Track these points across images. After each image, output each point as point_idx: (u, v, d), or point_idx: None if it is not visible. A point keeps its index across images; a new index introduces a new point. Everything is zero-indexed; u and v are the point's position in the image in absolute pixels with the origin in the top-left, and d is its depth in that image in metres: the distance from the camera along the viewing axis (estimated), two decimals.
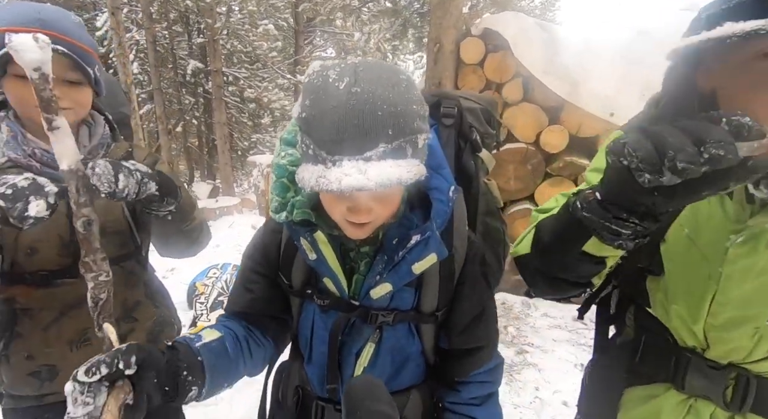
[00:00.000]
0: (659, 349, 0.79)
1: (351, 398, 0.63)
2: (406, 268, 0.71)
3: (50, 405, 1.07)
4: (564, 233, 0.68)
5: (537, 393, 2.43)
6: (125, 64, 7.39)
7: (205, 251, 4.31)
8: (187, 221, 1.07)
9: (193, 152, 14.29)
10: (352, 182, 0.55)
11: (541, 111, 3.38)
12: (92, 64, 0.96)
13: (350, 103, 0.56)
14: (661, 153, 0.47)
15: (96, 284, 0.85)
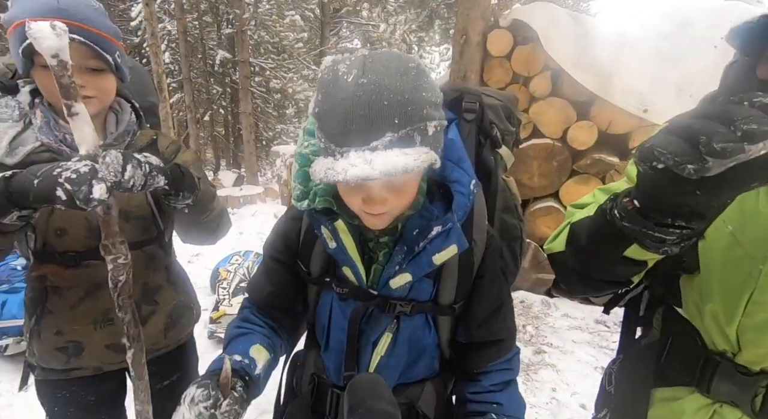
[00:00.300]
0: (686, 351, 0.77)
1: (353, 395, 0.64)
2: (426, 258, 0.72)
3: (76, 379, 1.13)
4: (603, 238, 0.67)
5: (554, 394, 2.39)
6: (157, 53, 7.59)
7: (229, 238, 4.41)
8: (205, 214, 1.09)
9: (219, 140, 14.61)
10: (358, 172, 0.56)
11: (570, 106, 3.27)
12: (112, 51, 0.97)
13: (357, 94, 0.57)
14: (693, 143, 0.45)
15: (115, 266, 0.90)
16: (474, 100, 0.93)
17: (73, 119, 0.78)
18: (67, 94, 0.76)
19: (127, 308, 0.95)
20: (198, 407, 0.62)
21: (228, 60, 11.67)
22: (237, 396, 0.67)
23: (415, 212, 0.75)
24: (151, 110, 1.36)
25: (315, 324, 0.89)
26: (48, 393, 1.15)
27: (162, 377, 1.27)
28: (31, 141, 0.98)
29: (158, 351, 1.22)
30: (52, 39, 0.72)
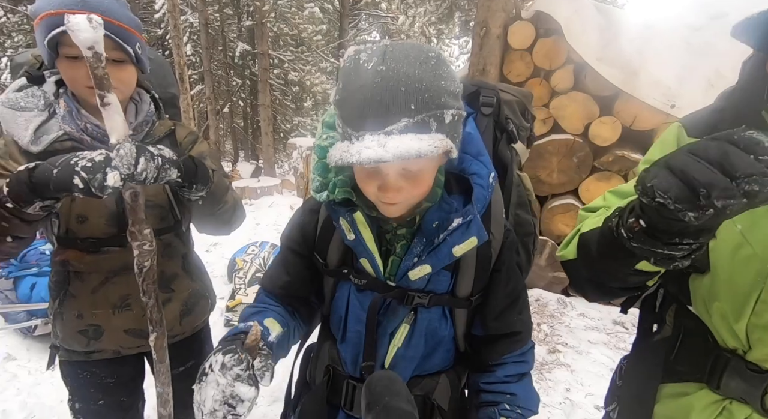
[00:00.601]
0: (697, 348, 0.77)
1: (371, 392, 0.64)
2: (446, 250, 0.73)
3: (96, 361, 1.18)
4: (612, 253, 0.67)
5: (568, 394, 2.36)
6: (179, 45, 7.70)
7: (246, 229, 4.48)
8: (219, 205, 1.11)
9: (238, 132, 14.81)
10: (371, 155, 0.57)
11: (593, 101, 3.18)
12: (133, 42, 0.98)
13: (375, 81, 0.59)
14: (693, 192, 0.46)
15: (141, 252, 0.93)
16: (491, 94, 0.94)
17: (105, 109, 0.81)
18: (101, 85, 0.79)
19: (152, 293, 0.98)
20: (233, 371, 0.62)
21: (248, 52, 11.78)
22: (266, 353, 0.68)
23: (434, 204, 0.76)
24: (172, 102, 1.38)
25: (330, 315, 0.90)
26: (70, 373, 1.20)
27: (177, 363, 1.31)
28: (55, 130, 1.01)
29: (174, 338, 1.25)
30: (89, 32, 0.74)
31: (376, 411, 0.62)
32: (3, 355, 2.78)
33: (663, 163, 0.50)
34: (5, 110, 0.99)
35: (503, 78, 3.47)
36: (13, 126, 0.98)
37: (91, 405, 1.21)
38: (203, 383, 0.64)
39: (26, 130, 0.98)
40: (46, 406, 2.27)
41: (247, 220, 3.31)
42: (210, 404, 0.61)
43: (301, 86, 12.04)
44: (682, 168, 0.47)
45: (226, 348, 0.66)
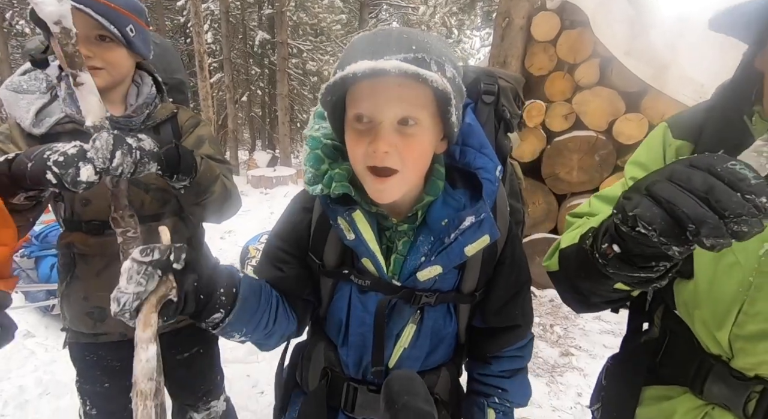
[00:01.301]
0: (682, 352, 0.76)
1: (390, 391, 0.63)
2: (458, 250, 0.70)
3: (103, 343, 1.19)
4: (588, 274, 0.66)
5: (579, 399, 2.29)
6: (200, 33, 7.75)
7: (260, 217, 4.52)
8: (204, 195, 1.07)
9: (256, 121, 14.91)
10: (369, 65, 0.55)
11: (618, 97, 3.05)
12: (122, 23, 0.96)
13: (377, 32, 0.62)
14: (680, 225, 0.44)
15: (125, 239, 0.90)
16: (492, 81, 0.91)
17: (78, 88, 0.77)
18: (72, 63, 0.75)
19: None
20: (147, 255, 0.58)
21: (267, 41, 11.78)
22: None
23: (435, 197, 0.72)
24: (178, 87, 1.36)
25: (328, 318, 0.85)
26: (78, 354, 1.22)
27: (183, 349, 1.32)
28: (57, 112, 1.00)
29: (179, 323, 1.25)
30: (53, 5, 0.70)
31: (394, 410, 0.61)
32: (23, 332, 2.87)
33: (645, 189, 0.48)
34: (8, 92, 1.00)
35: (525, 71, 3.35)
36: (15, 108, 0.98)
37: (97, 388, 1.22)
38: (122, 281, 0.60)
39: (28, 112, 0.98)
40: (60, 383, 2.33)
41: (261, 209, 3.34)
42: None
43: (319, 76, 12.00)
44: (668, 199, 0.45)
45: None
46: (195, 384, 1.38)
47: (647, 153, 0.77)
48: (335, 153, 0.75)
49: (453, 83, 0.63)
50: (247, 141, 16.03)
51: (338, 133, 0.71)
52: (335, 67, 0.64)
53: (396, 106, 0.61)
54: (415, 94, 0.61)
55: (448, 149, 0.73)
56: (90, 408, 1.23)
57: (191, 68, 10.37)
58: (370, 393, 0.81)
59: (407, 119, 0.62)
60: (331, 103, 0.64)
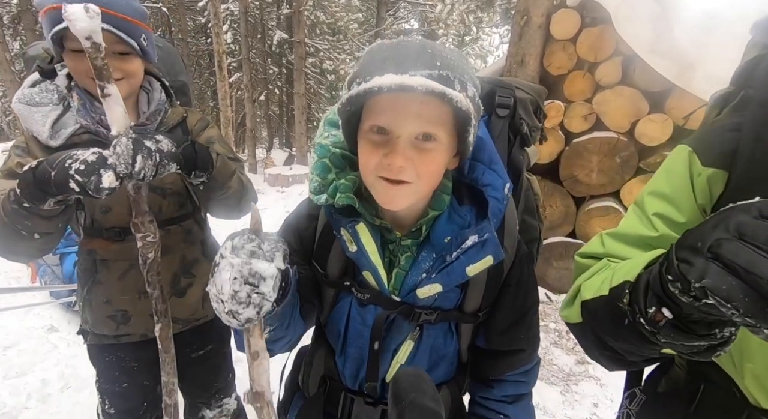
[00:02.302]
0: (723, 403, 0.68)
1: (398, 388, 0.62)
2: (459, 269, 0.68)
3: (124, 344, 1.22)
4: (629, 337, 0.55)
5: (595, 409, 2.23)
6: (219, 34, 7.87)
7: (276, 215, 4.56)
8: (221, 191, 1.10)
9: (273, 120, 15.09)
10: (395, 79, 0.54)
11: (641, 97, 2.94)
12: (137, 34, 0.98)
13: (400, 44, 0.60)
14: (763, 311, 0.35)
15: (144, 244, 0.93)
16: (508, 94, 0.88)
17: (105, 100, 0.80)
18: (101, 75, 0.78)
19: (156, 284, 0.99)
20: (246, 248, 0.55)
21: (285, 40, 11.89)
22: (274, 238, 0.59)
23: (440, 212, 0.70)
24: (182, 90, 1.38)
25: (328, 325, 0.85)
26: (97, 355, 1.25)
27: (198, 346, 1.35)
28: (71, 123, 1.02)
29: (197, 321, 1.28)
30: (86, 21, 0.73)
31: (401, 406, 0.60)
32: (47, 326, 2.98)
33: (709, 250, 0.38)
34: (22, 106, 1.02)
35: (543, 70, 3.27)
36: (31, 122, 1.00)
37: (116, 387, 1.26)
38: (216, 272, 0.56)
39: (44, 125, 1.00)
40: (80, 378, 2.41)
41: (277, 207, 3.34)
42: (229, 287, 0.54)
43: (336, 75, 12.05)
44: (747, 267, 0.35)
45: (233, 235, 0.58)
46: (208, 382, 1.41)
47: (670, 183, 0.68)
48: (343, 162, 0.74)
49: (473, 103, 0.62)
50: (264, 139, 16.25)
51: (350, 141, 0.71)
52: (353, 75, 0.63)
53: (416, 122, 0.60)
54: (436, 112, 0.60)
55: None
56: (108, 407, 1.27)
57: (211, 68, 10.56)
58: (367, 405, 0.80)
59: (426, 135, 0.61)
60: (348, 113, 0.63)
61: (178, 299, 1.22)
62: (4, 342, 2.74)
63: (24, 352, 2.65)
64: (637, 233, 0.69)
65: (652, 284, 0.47)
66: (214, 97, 8.85)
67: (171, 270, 1.20)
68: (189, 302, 1.24)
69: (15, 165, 1.00)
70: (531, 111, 0.94)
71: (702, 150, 0.65)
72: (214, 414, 1.44)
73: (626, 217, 0.74)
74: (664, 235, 0.66)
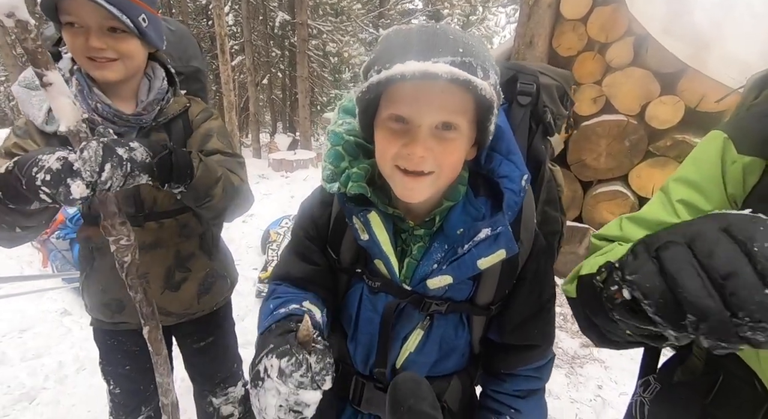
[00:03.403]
0: (742, 395, 0.68)
1: (396, 394, 0.62)
2: (470, 262, 0.67)
3: (123, 331, 1.23)
4: (598, 313, 0.56)
5: (599, 391, 2.26)
6: (220, 15, 7.71)
7: (280, 201, 4.55)
8: (202, 200, 1.02)
9: (276, 104, 14.94)
10: (419, 67, 0.52)
11: (653, 78, 2.87)
12: (133, 12, 0.92)
13: (421, 30, 0.58)
14: (678, 312, 0.37)
15: (117, 247, 0.86)
16: (531, 81, 0.85)
17: (47, 89, 0.69)
18: (35, 61, 0.66)
19: (137, 288, 0.94)
20: (294, 377, 0.55)
21: (287, 22, 11.65)
22: (321, 347, 0.60)
23: (455, 203, 0.69)
24: (195, 76, 1.33)
25: (342, 310, 0.86)
26: (100, 339, 1.27)
27: (198, 338, 1.36)
28: None
29: (192, 315, 1.28)
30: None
31: (400, 412, 0.60)
32: (60, 310, 3.04)
33: (655, 249, 0.40)
34: (21, 89, 0.98)
35: (552, 52, 3.20)
36: (27, 106, 0.97)
37: (119, 369, 1.28)
38: (260, 389, 0.57)
39: (40, 110, 0.97)
40: (95, 360, 2.44)
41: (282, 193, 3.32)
42: (273, 413, 0.56)
43: (339, 58, 11.84)
44: (673, 273, 0.37)
45: (279, 349, 0.58)
46: (211, 372, 1.43)
47: (698, 170, 0.66)
48: (356, 150, 0.73)
49: (495, 90, 0.61)
50: (268, 124, 16.13)
51: (366, 129, 0.69)
52: (370, 62, 0.61)
53: (438, 111, 0.59)
54: (459, 100, 0.59)
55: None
56: (114, 387, 1.29)
57: (213, 51, 10.41)
58: (377, 390, 0.81)
59: (447, 124, 0.60)
60: (366, 101, 0.61)
61: (172, 294, 1.20)
62: (20, 325, 2.80)
63: (39, 335, 2.71)
64: (657, 218, 0.67)
65: (621, 261, 0.48)
66: (216, 81, 8.73)
67: (164, 264, 1.17)
68: (183, 297, 1.22)
69: (12, 145, 0.97)
70: (556, 98, 0.90)
71: (738, 137, 0.62)
72: (221, 401, 1.46)
73: (650, 202, 0.73)
74: None
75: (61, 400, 2.16)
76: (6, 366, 2.38)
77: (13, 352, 2.51)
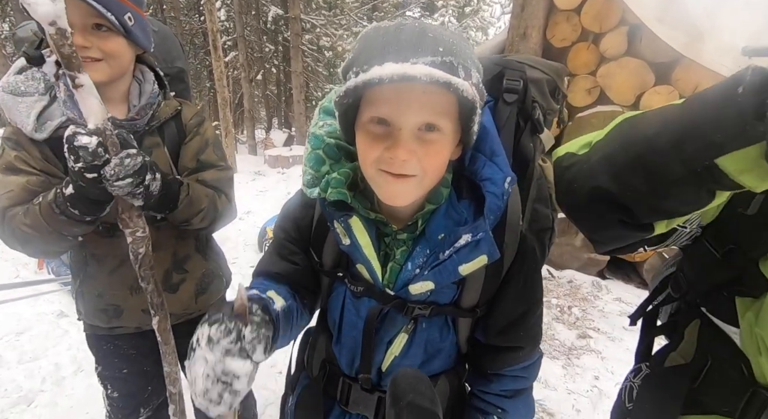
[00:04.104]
0: (728, 380, 0.69)
1: (396, 389, 0.62)
2: (451, 268, 0.66)
3: (119, 335, 1.22)
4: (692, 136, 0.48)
5: (596, 382, 2.28)
6: (212, 11, 7.62)
7: (277, 197, 4.54)
8: (179, 224, 1.09)
9: (271, 99, 14.85)
10: (397, 69, 0.51)
11: (647, 68, 2.86)
12: (120, 11, 0.90)
13: (399, 28, 0.56)
14: None
15: (134, 239, 0.90)
16: (517, 77, 0.82)
17: (78, 90, 0.74)
18: (69, 64, 0.71)
19: (149, 279, 0.97)
20: (221, 344, 0.54)
21: (280, 17, 11.54)
22: (258, 319, 0.59)
23: (437, 206, 0.68)
24: (179, 77, 1.32)
25: (327, 311, 0.85)
26: (95, 344, 1.26)
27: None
28: (58, 115, 0.97)
29: (190, 315, 1.28)
30: (47, 4, 0.65)
31: (399, 407, 0.60)
32: (57, 312, 3.03)
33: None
34: (6, 95, 0.96)
35: (546, 43, 3.18)
36: (15, 113, 0.96)
37: (116, 373, 1.27)
38: (191, 360, 0.56)
39: (28, 116, 0.95)
40: (92, 361, 2.45)
41: (278, 189, 3.32)
42: (201, 384, 0.54)
43: (333, 52, 11.75)
44: None
45: (211, 318, 0.57)
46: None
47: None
48: (338, 153, 0.71)
49: (478, 89, 0.59)
50: (263, 120, 16.04)
51: (346, 132, 0.67)
52: (349, 63, 0.59)
53: (419, 112, 0.57)
54: (440, 102, 0.57)
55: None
56: (111, 391, 1.28)
57: (206, 47, 10.32)
58: (363, 391, 0.80)
59: (430, 125, 0.58)
60: (345, 105, 0.59)
61: (170, 295, 1.20)
62: (17, 327, 2.79)
63: (36, 337, 2.71)
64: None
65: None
66: (210, 78, 8.67)
67: (162, 267, 1.17)
68: (181, 298, 1.22)
69: (14, 159, 0.97)
70: (547, 92, 0.87)
71: None
72: None
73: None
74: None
75: (59, 402, 2.15)
76: (3, 369, 2.38)
77: (10, 355, 2.50)
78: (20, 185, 0.96)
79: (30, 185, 0.97)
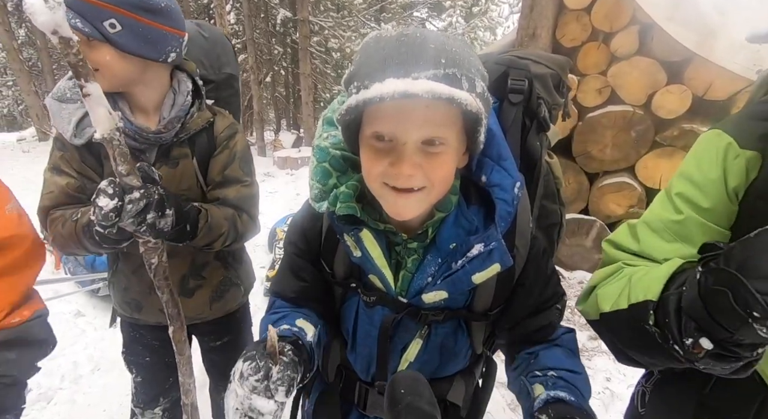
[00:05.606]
0: (740, 386, 0.67)
1: (394, 391, 0.62)
2: (465, 278, 0.66)
3: (143, 325, 1.28)
4: (655, 355, 0.57)
5: (608, 384, 2.26)
6: (222, 14, 7.72)
7: (286, 199, 4.55)
8: (206, 247, 1.10)
9: (280, 101, 14.95)
10: (398, 86, 0.50)
11: (659, 67, 2.83)
12: (97, 17, 0.84)
13: (400, 40, 0.55)
14: None
15: (146, 249, 0.91)
16: (521, 76, 0.81)
17: (86, 99, 0.72)
18: (77, 73, 0.70)
19: (164, 289, 0.97)
20: (249, 381, 0.57)
21: (289, 19, 11.63)
22: (287, 361, 0.61)
23: (447, 213, 0.68)
24: (228, 82, 1.30)
25: (340, 319, 0.86)
26: (126, 329, 1.33)
27: (215, 337, 1.40)
28: None
29: (205, 318, 1.31)
30: (46, 14, 0.63)
31: (397, 409, 0.60)
32: (74, 312, 3.09)
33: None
34: (53, 101, 0.99)
35: (555, 42, 3.16)
36: (58, 119, 0.98)
37: (140, 360, 1.33)
38: (228, 390, 0.60)
39: (69, 123, 0.97)
40: (109, 360, 2.52)
41: (287, 190, 3.33)
42: (232, 416, 0.58)
43: (342, 53, 11.80)
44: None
45: (248, 354, 0.60)
46: (226, 370, 1.44)
47: (699, 169, 0.67)
48: (344, 165, 0.71)
49: (482, 99, 0.58)
50: (272, 121, 16.15)
51: (350, 144, 0.67)
52: (350, 76, 0.58)
53: (422, 128, 0.57)
54: (444, 115, 0.57)
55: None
56: (136, 375, 1.35)
57: None
58: (380, 395, 0.81)
59: (434, 139, 0.58)
60: (347, 121, 0.59)
61: (185, 300, 1.22)
62: None
63: None
64: (664, 217, 0.68)
65: (688, 310, 0.48)
66: None
67: (180, 272, 1.20)
68: (196, 303, 1.25)
69: (59, 159, 1.02)
70: (551, 87, 0.86)
71: (738, 133, 0.64)
72: None
73: (651, 204, 0.74)
74: (689, 218, 0.65)
75: (77, 400, 2.20)
76: None
77: None
78: (60, 187, 1.01)
79: (68, 188, 1.01)
